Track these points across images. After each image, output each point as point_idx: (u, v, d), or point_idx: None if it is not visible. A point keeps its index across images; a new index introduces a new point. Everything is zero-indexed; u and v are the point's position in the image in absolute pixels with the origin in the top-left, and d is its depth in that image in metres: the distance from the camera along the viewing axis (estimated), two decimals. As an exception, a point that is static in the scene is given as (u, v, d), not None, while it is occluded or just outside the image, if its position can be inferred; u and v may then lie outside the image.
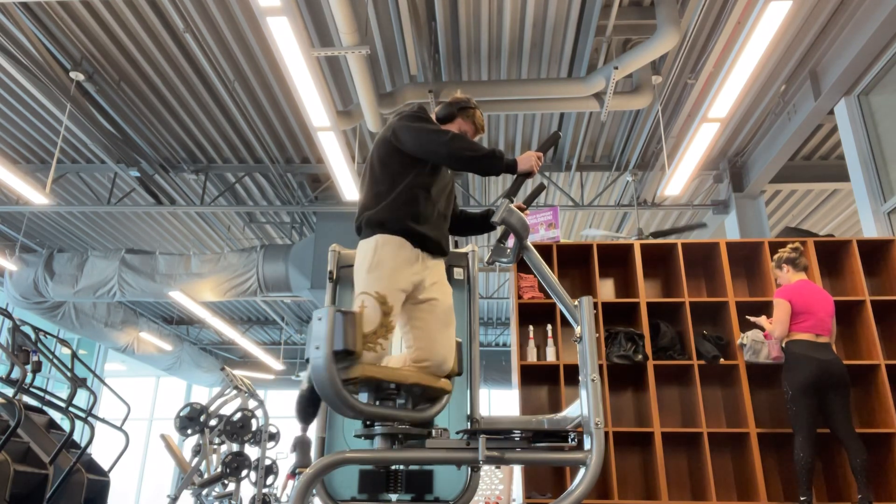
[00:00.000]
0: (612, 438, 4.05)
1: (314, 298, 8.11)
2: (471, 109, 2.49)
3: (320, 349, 1.89)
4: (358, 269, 2.22)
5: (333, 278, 3.17)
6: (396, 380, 2.03)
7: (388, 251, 2.19)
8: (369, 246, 2.22)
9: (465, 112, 2.48)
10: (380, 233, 2.22)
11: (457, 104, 2.49)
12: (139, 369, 14.79)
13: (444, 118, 2.49)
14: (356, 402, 1.93)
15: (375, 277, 2.15)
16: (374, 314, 2.07)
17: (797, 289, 3.72)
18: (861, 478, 3.36)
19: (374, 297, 2.10)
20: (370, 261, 2.18)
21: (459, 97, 2.52)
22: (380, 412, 2.02)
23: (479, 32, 5.45)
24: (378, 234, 2.22)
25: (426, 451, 2.03)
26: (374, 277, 2.15)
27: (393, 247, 2.21)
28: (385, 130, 2.39)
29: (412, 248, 2.25)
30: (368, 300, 2.10)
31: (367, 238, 2.25)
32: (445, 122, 2.49)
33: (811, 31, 5.33)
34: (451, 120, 2.49)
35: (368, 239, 2.24)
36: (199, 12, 5.23)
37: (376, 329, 2.05)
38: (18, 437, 3.70)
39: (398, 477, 2.87)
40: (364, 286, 2.15)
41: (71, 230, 9.39)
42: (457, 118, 2.49)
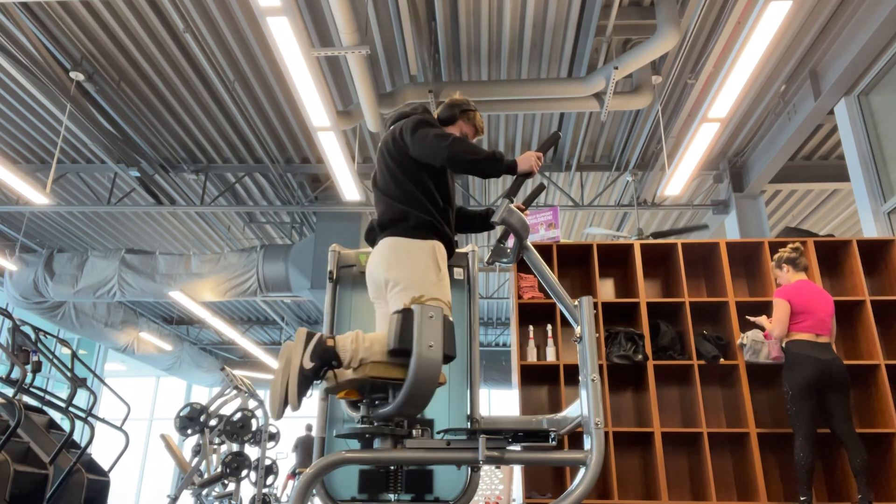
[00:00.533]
0: (612, 438, 4.05)
1: (314, 298, 8.11)
2: (471, 111, 2.54)
3: (434, 348, 1.96)
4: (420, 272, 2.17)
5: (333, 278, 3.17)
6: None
7: (444, 263, 2.25)
8: (429, 249, 2.22)
9: (466, 114, 2.53)
10: (435, 238, 2.26)
11: (458, 106, 2.52)
12: (139, 369, 14.79)
13: (447, 120, 2.52)
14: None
15: (445, 288, 2.19)
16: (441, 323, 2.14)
17: (797, 289, 3.72)
18: (861, 478, 3.36)
19: (448, 307, 2.13)
20: (436, 268, 2.20)
21: (459, 99, 2.55)
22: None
23: (479, 32, 5.45)
24: (434, 241, 2.25)
25: (426, 451, 2.03)
26: (443, 287, 2.18)
27: (444, 257, 2.27)
28: (394, 130, 2.43)
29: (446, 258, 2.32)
30: (447, 310, 2.12)
31: (421, 240, 2.23)
32: (448, 124, 2.52)
33: (811, 31, 5.33)
34: (453, 122, 2.52)
35: (425, 242, 2.23)
36: (199, 12, 5.23)
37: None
38: (18, 437, 3.70)
39: (398, 477, 2.87)
40: (437, 292, 2.14)
41: (71, 230, 9.39)
42: (458, 120, 2.52)
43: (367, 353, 2.05)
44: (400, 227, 2.24)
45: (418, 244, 2.22)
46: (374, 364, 2.03)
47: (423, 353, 1.94)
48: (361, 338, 2.07)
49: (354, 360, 2.04)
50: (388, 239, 2.25)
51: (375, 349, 2.05)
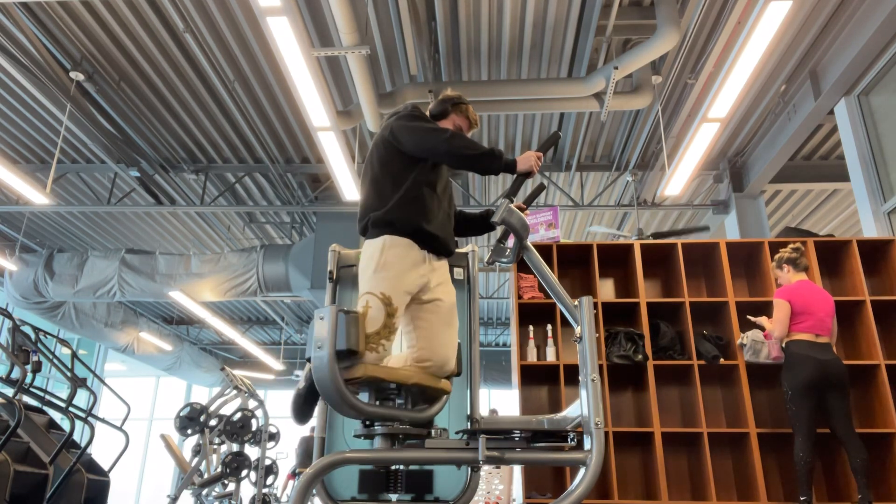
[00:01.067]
0: (612, 438, 4.05)
1: (314, 298, 8.11)
2: (463, 105, 2.51)
3: (323, 348, 1.89)
4: (364, 270, 2.20)
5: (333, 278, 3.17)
6: (398, 380, 2.03)
7: (396, 252, 2.18)
8: (376, 246, 2.20)
9: (458, 108, 2.49)
10: (388, 233, 2.20)
11: (450, 100, 2.49)
12: (139, 369, 14.79)
13: (439, 115, 2.49)
14: (357, 401, 1.93)
15: (382, 278, 2.14)
16: (378, 315, 2.07)
17: (797, 289, 3.72)
18: (861, 478, 3.36)
19: (379, 297, 2.10)
20: (377, 261, 2.17)
21: (451, 94, 2.53)
22: (380, 412, 2.02)
23: (479, 32, 5.45)
24: (386, 235, 2.20)
25: (426, 451, 2.03)
26: (380, 278, 2.14)
27: (401, 248, 2.20)
28: (382, 130, 2.39)
29: (419, 250, 2.24)
30: (373, 300, 2.09)
31: (373, 238, 2.22)
32: (440, 119, 2.49)
33: (811, 31, 5.33)
34: (445, 116, 2.49)
35: (375, 239, 2.21)
36: (199, 12, 5.23)
37: (379, 330, 2.05)
38: (18, 437, 3.70)
39: (398, 477, 2.87)
40: (369, 286, 2.14)
41: (71, 230, 9.39)
42: (451, 114, 2.49)
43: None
44: (364, 231, 2.30)
45: (369, 244, 2.24)
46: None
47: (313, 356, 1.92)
48: None
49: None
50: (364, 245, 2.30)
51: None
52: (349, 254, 3.26)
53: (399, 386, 2.08)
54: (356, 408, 1.93)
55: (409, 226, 2.22)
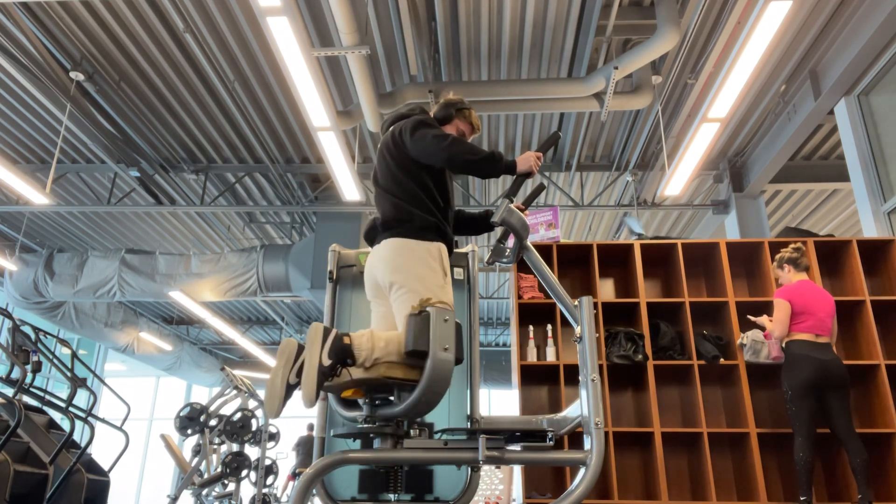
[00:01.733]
0: (612, 438, 4.05)
1: (314, 298, 8.11)
2: (466, 110, 2.54)
3: (449, 351, 1.99)
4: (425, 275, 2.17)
5: (333, 278, 3.17)
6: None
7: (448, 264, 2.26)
8: (436, 252, 2.23)
9: (461, 113, 2.53)
10: (436, 240, 2.25)
11: (453, 105, 2.52)
12: (139, 369, 14.79)
13: (443, 119, 2.52)
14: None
15: (449, 291, 2.20)
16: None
17: (797, 289, 3.72)
18: (861, 478, 3.36)
19: (451, 309, 2.13)
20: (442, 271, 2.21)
21: (454, 98, 2.55)
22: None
23: (479, 32, 5.45)
24: (437, 242, 2.25)
25: (426, 451, 2.03)
26: (448, 291, 2.19)
27: (447, 259, 2.27)
28: (394, 130, 2.42)
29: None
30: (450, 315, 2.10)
31: (428, 242, 2.23)
32: (444, 124, 2.52)
33: (811, 31, 5.33)
34: (449, 121, 2.52)
35: (430, 244, 2.23)
36: (199, 12, 5.23)
37: None
38: (18, 437, 3.70)
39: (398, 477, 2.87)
40: (443, 296, 2.15)
41: (71, 230, 9.40)
42: (455, 119, 2.52)
43: (382, 353, 2.03)
44: (404, 227, 2.22)
45: (424, 246, 2.20)
46: (388, 364, 2.04)
47: (438, 356, 1.97)
48: (377, 337, 2.07)
49: (369, 360, 2.02)
50: (392, 240, 2.22)
51: (391, 349, 2.05)
52: (349, 254, 3.26)
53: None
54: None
55: (448, 238, 2.31)
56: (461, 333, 2.07)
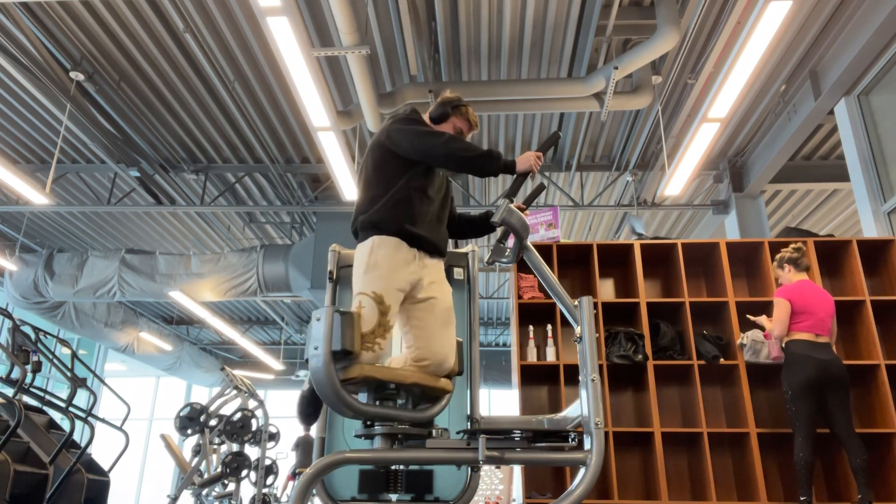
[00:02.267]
0: (612, 438, 4.05)
1: (314, 298, 8.11)
2: (463, 107, 2.50)
3: (319, 349, 1.90)
4: (355, 271, 2.23)
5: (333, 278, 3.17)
6: (395, 379, 2.03)
7: (384, 252, 2.20)
8: (366, 248, 2.23)
9: (458, 110, 2.48)
10: (375, 234, 2.23)
11: (450, 103, 2.48)
12: (139, 369, 14.79)
13: (439, 118, 2.48)
14: (355, 401, 1.94)
15: (372, 278, 2.16)
16: (371, 314, 2.08)
17: (797, 288, 3.72)
18: (861, 478, 3.36)
19: (371, 297, 2.10)
20: (367, 262, 2.19)
21: (450, 96, 2.51)
22: (378, 412, 2.02)
23: (479, 32, 5.45)
24: (374, 236, 2.23)
25: (426, 451, 2.03)
26: (370, 278, 2.16)
27: (389, 247, 2.21)
28: (379, 134, 2.38)
29: (408, 248, 2.25)
30: (366, 300, 2.10)
31: (363, 240, 2.26)
32: (440, 122, 2.48)
33: (811, 31, 5.33)
34: (445, 119, 2.48)
35: (365, 241, 2.25)
36: (199, 12, 5.23)
37: (374, 329, 2.05)
38: (18, 437, 3.70)
39: (398, 477, 2.87)
40: (361, 287, 2.16)
41: (71, 230, 9.39)
42: (451, 117, 2.48)
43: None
44: (357, 234, 2.32)
45: (360, 247, 2.26)
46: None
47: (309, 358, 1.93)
48: None
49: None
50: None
51: None
52: (349, 254, 3.26)
53: (398, 386, 2.08)
54: (353, 408, 1.93)
55: (393, 226, 2.23)
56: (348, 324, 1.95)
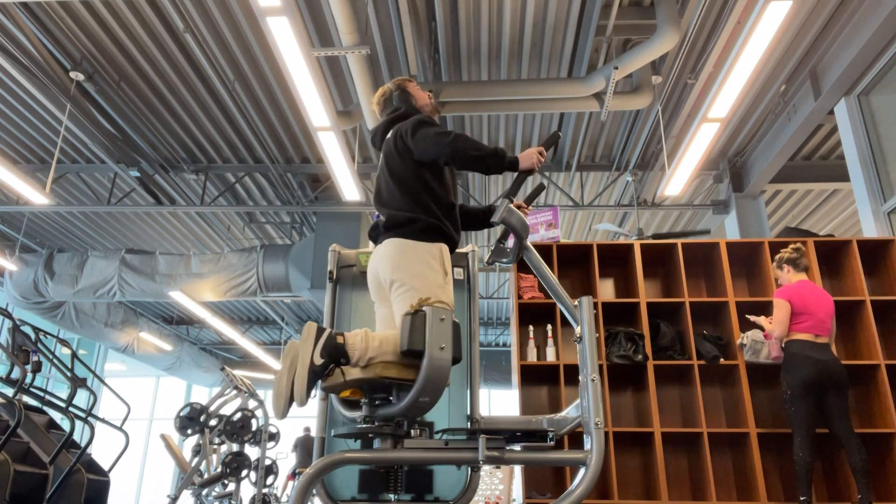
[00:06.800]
0: (612, 438, 4.05)
1: (314, 298, 8.11)
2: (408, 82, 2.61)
3: (446, 350, 1.97)
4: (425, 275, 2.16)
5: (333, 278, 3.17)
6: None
7: (449, 265, 2.24)
8: (437, 252, 2.22)
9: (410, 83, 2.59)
10: (439, 241, 2.25)
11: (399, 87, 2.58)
12: (139, 369, 14.79)
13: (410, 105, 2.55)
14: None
15: (449, 291, 2.18)
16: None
17: (797, 289, 3.72)
18: (861, 478, 3.36)
19: (450, 309, 2.12)
20: (442, 272, 2.20)
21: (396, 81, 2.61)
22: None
23: (479, 32, 5.45)
24: (440, 243, 2.25)
25: (426, 451, 2.03)
26: (448, 291, 2.18)
27: (449, 260, 2.26)
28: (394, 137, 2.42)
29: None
30: (448, 315, 2.08)
31: (430, 243, 2.22)
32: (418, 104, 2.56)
33: (811, 31, 5.33)
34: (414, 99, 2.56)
35: (432, 245, 2.22)
36: (199, 12, 5.23)
37: None
38: (18, 437, 3.70)
39: (398, 477, 2.87)
40: (442, 296, 2.13)
41: (71, 230, 9.39)
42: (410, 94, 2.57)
43: (377, 352, 2.02)
44: (407, 228, 2.23)
45: (426, 247, 2.20)
46: (385, 364, 2.02)
47: (434, 355, 1.95)
48: (371, 336, 2.06)
49: (363, 359, 2.01)
50: (395, 239, 2.22)
51: (386, 349, 2.03)
52: (349, 254, 3.26)
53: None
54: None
55: (451, 236, 2.30)
56: (459, 333, 2.05)
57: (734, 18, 4.97)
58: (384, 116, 2.59)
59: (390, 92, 2.60)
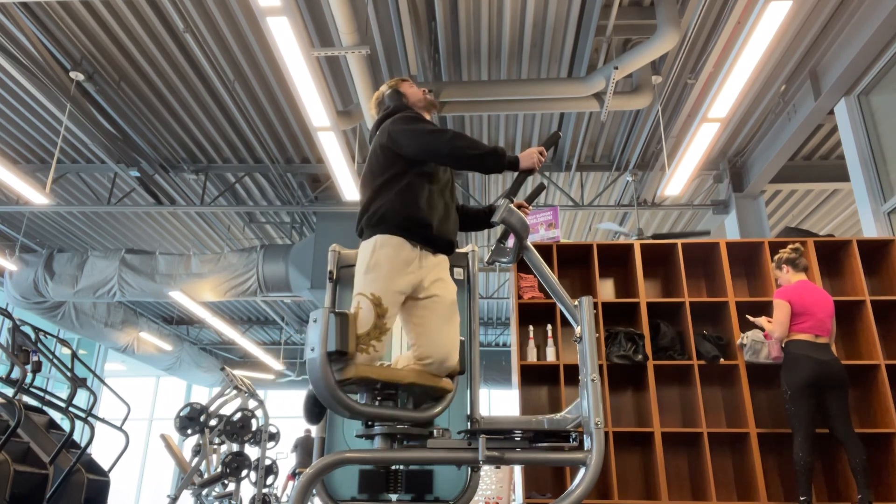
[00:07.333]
0: (612, 438, 4.05)
1: (314, 298, 8.11)
2: (403, 81, 2.58)
3: (315, 350, 1.91)
4: (357, 271, 2.23)
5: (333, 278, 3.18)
6: (392, 379, 2.03)
7: (387, 252, 2.17)
8: (368, 246, 2.21)
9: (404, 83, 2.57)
10: (379, 233, 2.20)
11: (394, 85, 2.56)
12: (139, 369, 14.79)
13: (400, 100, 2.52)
14: (351, 402, 1.94)
15: (372, 279, 2.14)
16: (368, 316, 2.06)
17: (797, 289, 3.72)
18: (861, 478, 3.36)
19: (369, 298, 2.09)
20: (368, 261, 2.17)
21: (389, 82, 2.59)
22: (375, 412, 2.02)
23: (479, 32, 5.45)
24: (377, 235, 2.20)
25: (426, 451, 2.03)
26: (370, 279, 2.14)
27: (391, 248, 2.18)
28: (380, 136, 2.37)
29: (411, 248, 2.21)
30: (364, 301, 2.09)
31: (367, 239, 2.24)
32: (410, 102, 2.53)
33: (811, 31, 5.33)
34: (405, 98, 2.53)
35: (368, 240, 2.23)
36: (199, 12, 5.23)
37: (370, 331, 2.04)
38: (18, 437, 3.70)
39: (398, 477, 2.87)
40: (360, 287, 2.15)
41: (71, 230, 9.39)
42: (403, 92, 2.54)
43: None
44: (361, 233, 2.31)
45: (363, 245, 2.25)
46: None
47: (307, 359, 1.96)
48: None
49: None
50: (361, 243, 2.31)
51: None
52: (349, 254, 3.26)
53: (398, 386, 2.08)
54: (350, 408, 1.94)
55: (398, 221, 2.20)
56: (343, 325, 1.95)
57: (734, 18, 4.97)
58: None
59: (383, 94, 2.59)
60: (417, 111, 2.46)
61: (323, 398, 1.91)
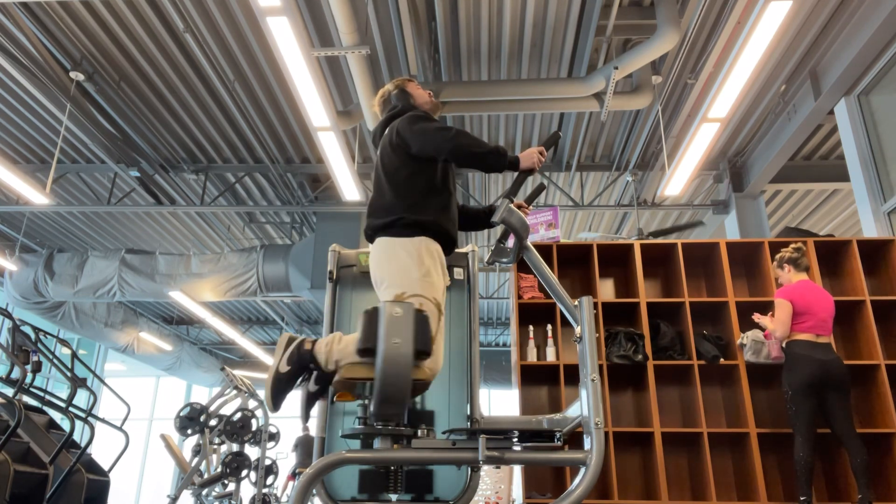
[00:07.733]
0: (612, 438, 4.05)
1: (314, 298, 8.11)
2: (409, 81, 2.61)
3: (403, 346, 1.91)
4: (404, 269, 2.16)
5: (333, 278, 3.17)
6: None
7: (433, 260, 2.20)
8: (413, 247, 2.19)
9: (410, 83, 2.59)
10: (422, 235, 2.22)
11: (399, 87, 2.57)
12: (139, 369, 14.78)
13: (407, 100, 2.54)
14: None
15: (429, 284, 2.14)
16: (435, 321, 2.09)
17: (798, 289, 3.72)
18: (861, 478, 3.36)
19: (433, 303, 2.10)
20: (420, 265, 2.16)
21: (396, 82, 2.61)
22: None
23: (479, 32, 5.45)
24: (421, 237, 2.21)
25: (426, 451, 2.03)
26: (427, 284, 2.14)
27: (435, 253, 2.23)
28: (390, 134, 2.40)
29: (441, 255, 2.27)
30: (429, 305, 2.08)
31: (408, 237, 2.21)
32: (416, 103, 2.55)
33: (811, 31, 5.33)
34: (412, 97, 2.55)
35: (411, 239, 2.20)
36: (199, 12, 5.23)
37: (435, 335, 2.07)
38: (18, 437, 3.70)
39: (398, 477, 2.87)
40: (420, 289, 2.11)
41: (71, 230, 9.39)
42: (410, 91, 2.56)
43: (342, 354, 2.03)
44: (393, 226, 2.24)
45: (404, 242, 2.21)
46: (349, 365, 2.02)
47: (388, 350, 1.91)
48: (338, 339, 2.08)
49: (331, 363, 2.04)
50: (381, 239, 2.26)
51: (349, 350, 2.03)
52: (349, 254, 3.26)
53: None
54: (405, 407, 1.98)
55: (441, 230, 2.26)
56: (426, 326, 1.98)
57: (734, 18, 4.97)
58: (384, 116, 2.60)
59: (389, 92, 2.60)
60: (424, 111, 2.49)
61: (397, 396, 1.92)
